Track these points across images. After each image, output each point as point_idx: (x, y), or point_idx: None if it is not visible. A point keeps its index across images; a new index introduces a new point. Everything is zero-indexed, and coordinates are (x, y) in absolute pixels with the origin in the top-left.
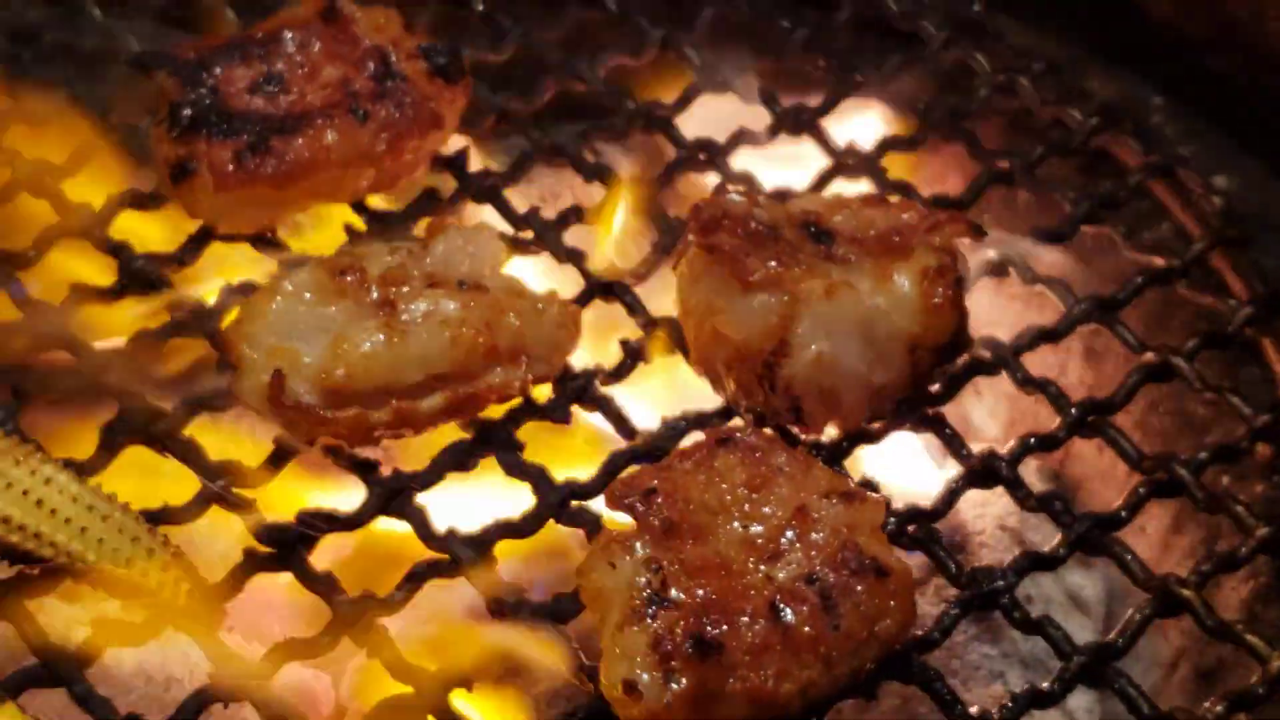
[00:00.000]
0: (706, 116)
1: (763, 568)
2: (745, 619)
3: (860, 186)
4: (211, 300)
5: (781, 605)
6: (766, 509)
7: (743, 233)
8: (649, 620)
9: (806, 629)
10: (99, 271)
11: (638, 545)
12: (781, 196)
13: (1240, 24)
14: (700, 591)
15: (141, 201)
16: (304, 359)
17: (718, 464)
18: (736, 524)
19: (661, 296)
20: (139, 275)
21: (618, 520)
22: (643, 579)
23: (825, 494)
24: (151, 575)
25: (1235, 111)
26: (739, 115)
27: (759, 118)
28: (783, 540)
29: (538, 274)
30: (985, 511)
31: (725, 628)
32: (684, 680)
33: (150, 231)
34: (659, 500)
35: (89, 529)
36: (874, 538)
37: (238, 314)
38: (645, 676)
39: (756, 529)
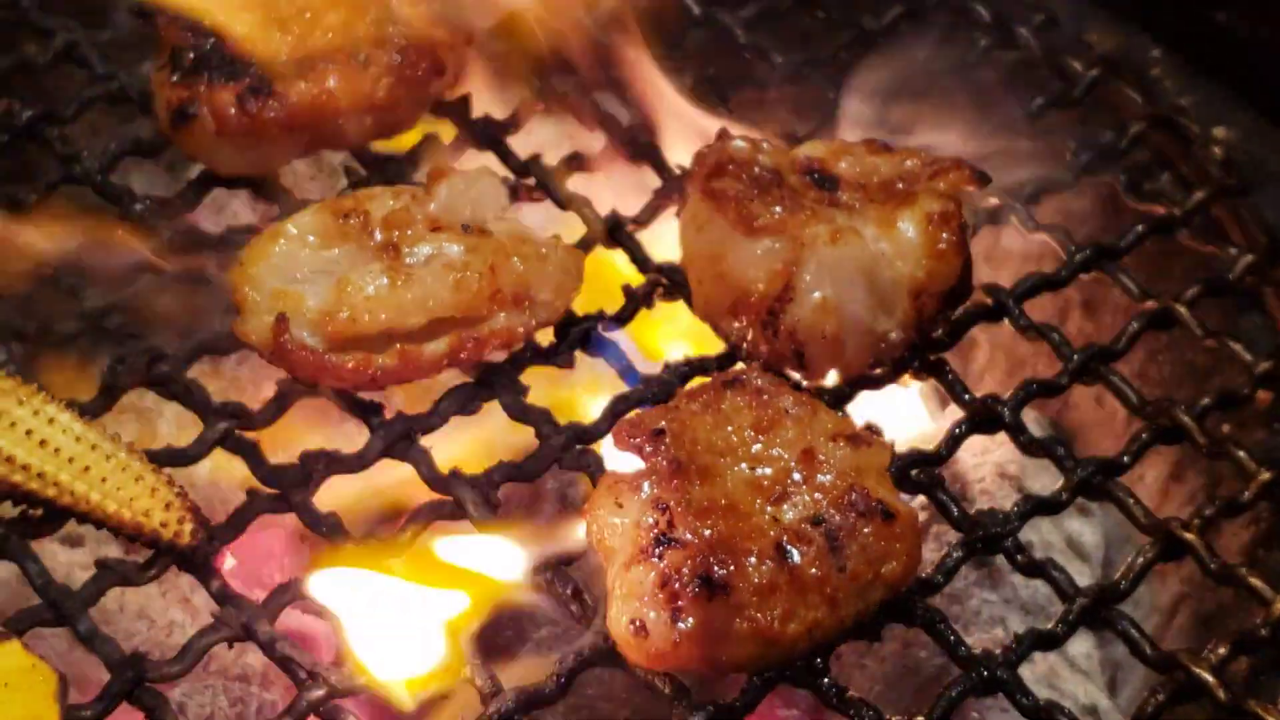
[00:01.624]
0: (707, 66)
1: (769, 509)
2: (752, 560)
3: (862, 135)
4: (214, 244)
5: (788, 546)
6: (773, 451)
7: (747, 178)
8: (656, 560)
9: (813, 570)
10: (101, 217)
11: (645, 485)
12: (785, 143)
13: None
14: (707, 532)
15: (143, 148)
16: (307, 302)
17: (725, 405)
18: (743, 465)
19: (664, 242)
20: (140, 220)
21: (622, 464)
22: (650, 519)
23: (832, 437)
24: (155, 515)
25: (1235, 63)
26: (740, 64)
27: (760, 67)
28: (789, 482)
29: (540, 221)
30: (986, 459)
31: (732, 568)
32: (691, 620)
33: (152, 178)
34: (666, 441)
35: (92, 468)
36: (880, 481)
37: (241, 257)
38: (652, 615)
39: (763, 470)
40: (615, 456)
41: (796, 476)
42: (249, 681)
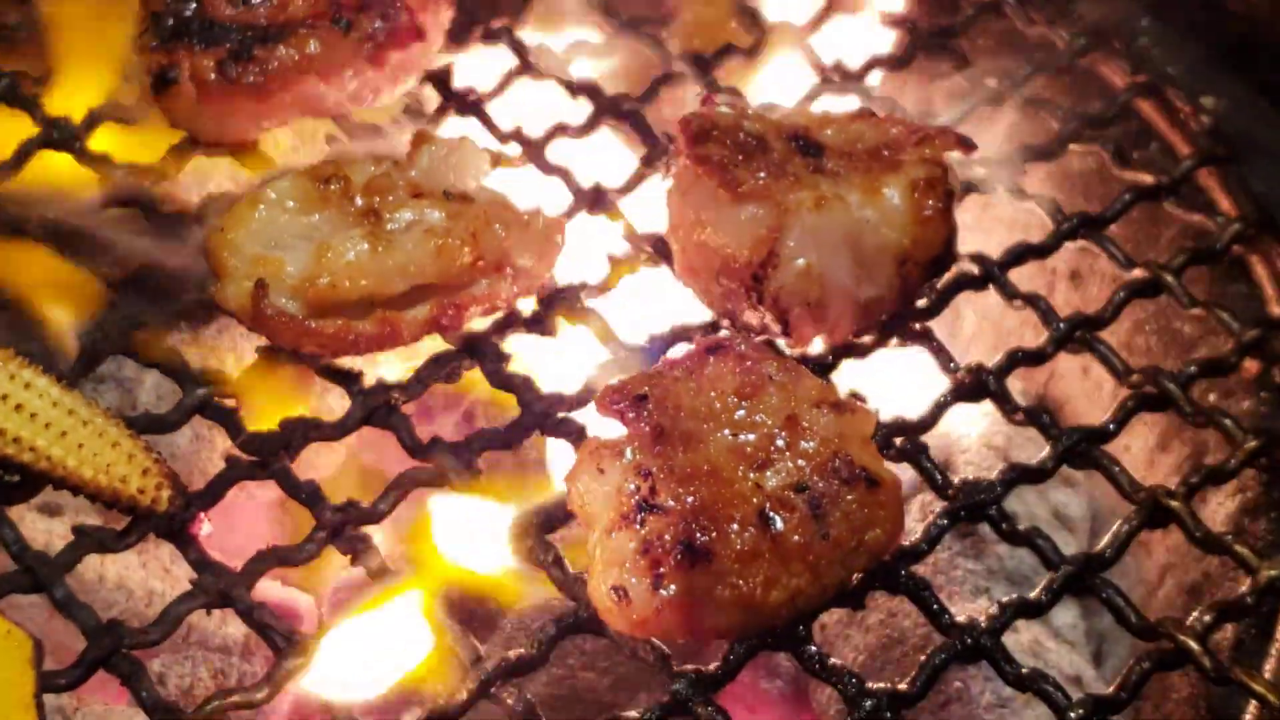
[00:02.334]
0: (691, 33)
1: (752, 475)
2: (735, 527)
3: (848, 103)
4: (193, 210)
5: (771, 513)
6: (757, 417)
7: (732, 144)
8: (638, 527)
9: (796, 537)
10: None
11: (627, 451)
12: (770, 110)
13: None
14: (690, 498)
15: (123, 114)
16: (287, 268)
17: (708, 371)
18: (727, 431)
19: (648, 210)
20: (120, 186)
21: (605, 430)
22: (632, 485)
23: (816, 403)
24: (132, 481)
25: (1222, 32)
26: (725, 31)
27: (746, 35)
28: (773, 448)
29: (523, 189)
30: (971, 430)
31: (715, 535)
32: (673, 587)
33: (131, 144)
34: (649, 407)
35: (69, 434)
36: (864, 448)
37: (220, 223)
38: (634, 582)
39: (747, 437)
40: (598, 423)
41: (780, 443)
42: (229, 653)
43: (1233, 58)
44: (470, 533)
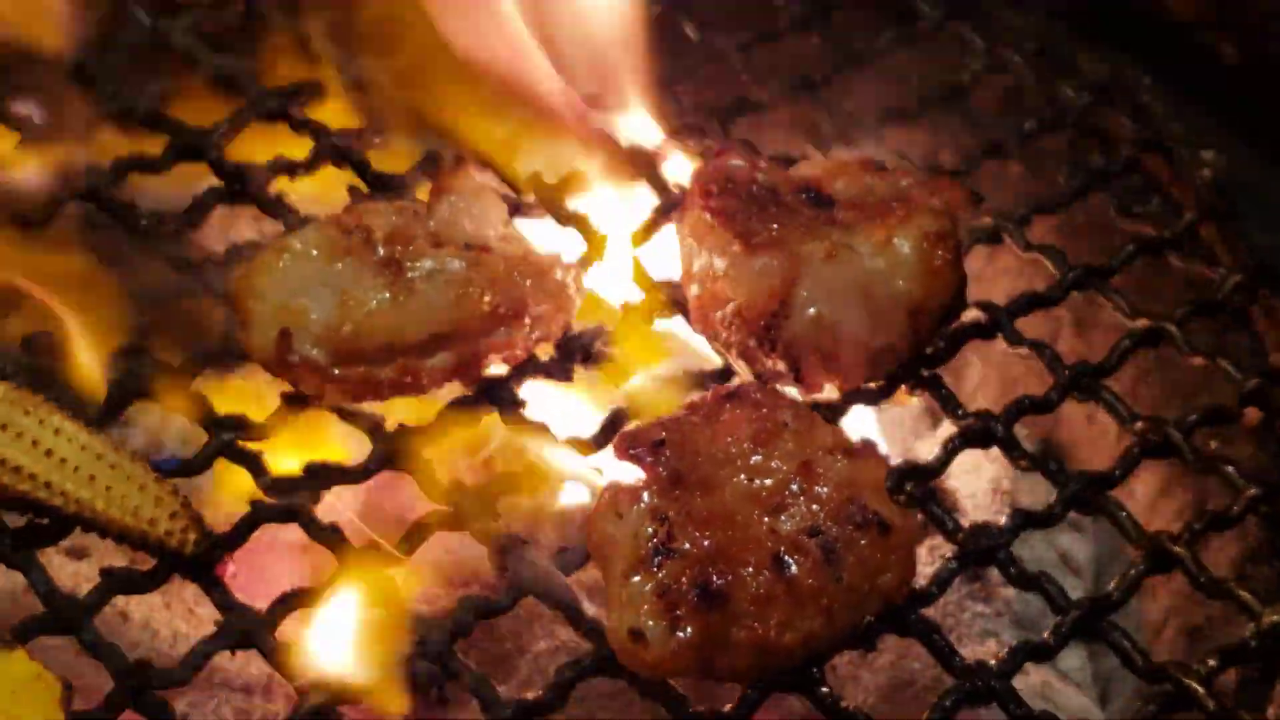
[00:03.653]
0: (706, 89)
1: (767, 520)
2: (750, 570)
3: (858, 156)
4: (219, 258)
5: (786, 557)
6: (772, 463)
7: (745, 196)
8: (655, 569)
9: (810, 581)
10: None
11: (645, 495)
12: (782, 163)
13: (1229, 4)
14: (706, 542)
15: (148, 165)
16: (311, 316)
17: (725, 418)
18: (742, 477)
19: (663, 259)
20: (146, 236)
21: (623, 475)
22: (650, 529)
23: (830, 449)
24: (159, 524)
25: (1222, 90)
26: (739, 86)
27: (758, 89)
28: (787, 493)
29: (540, 237)
30: (979, 475)
31: (730, 578)
32: (689, 629)
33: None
34: (667, 452)
35: (98, 477)
36: (876, 494)
37: (246, 271)
38: (651, 624)
39: (762, 482)
40: (616, 467)
41: (794, 488)
42: (252, 692)
43: (1232, 115)
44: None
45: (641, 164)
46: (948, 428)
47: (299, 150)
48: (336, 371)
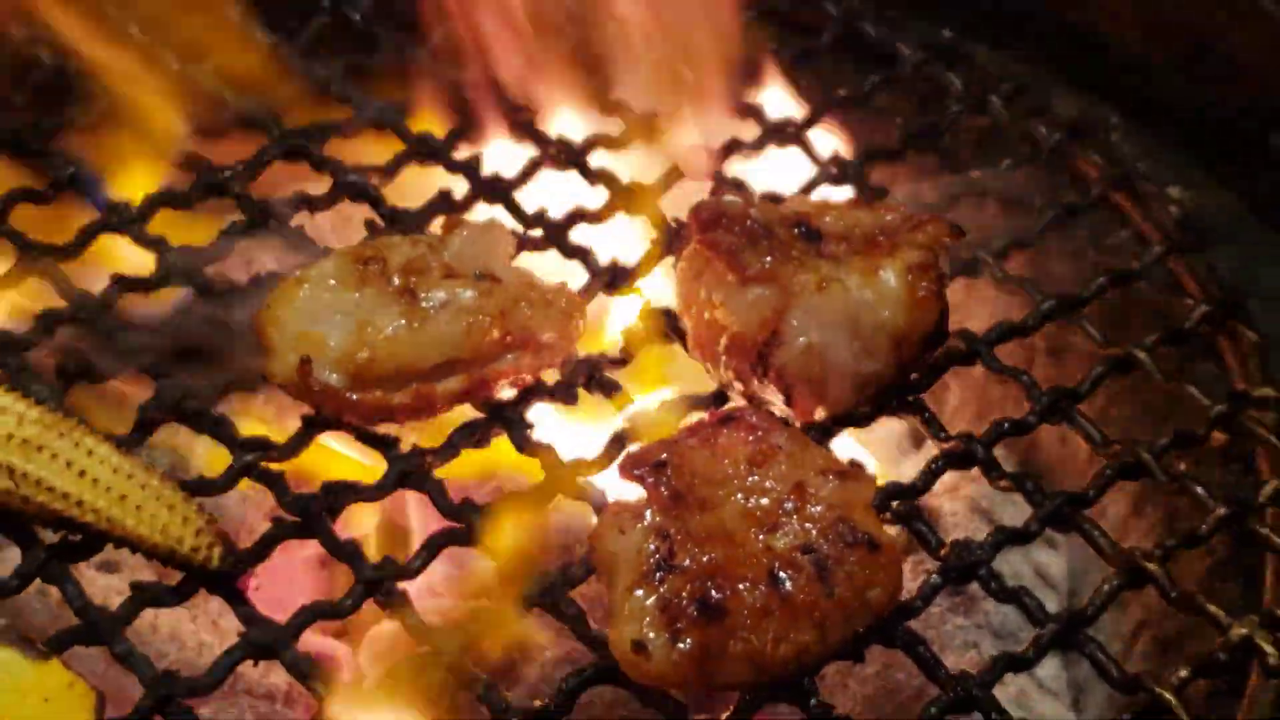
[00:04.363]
0: (701, 129)
1: (763, 538)
2: (747, 585)
3: (844, 193)
4: (242, 288)
5: (780, 573)
6: (768, 483)
7: (739, 231)
8: (657, 584)
9: (803, 596)
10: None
11: (647, 514)
12: (774, 199)
13: (1201, 50)
14: (705, 558)
15: (177, 200)
16: (330, 343)
17: (721, 440)
18: (739, 496)
19: (662, 290)
20: (176, 266)
21: (625, 494)
22: (651, 545)
23: (821, 471)
24: (186, 540)
25: (1188, 129)
26: (729, 128)
27: (750, 130)
28: (782, 513)
29: (547, 269)
30: (958, 494)
31: (728, 593)
32: (689, 641)
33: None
34: (667, 473)
35: (128, 496)
36: (865, 513)
37: (268, 301)
38: (653, 637)
39: (758, 501)
40: (619, 487)
41: (788, 507)
42: (274, 699)
43: (1197, 152)
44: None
45: (641, 200)
46: (930, 449)
47: (318, 186)
48: (354, 396)
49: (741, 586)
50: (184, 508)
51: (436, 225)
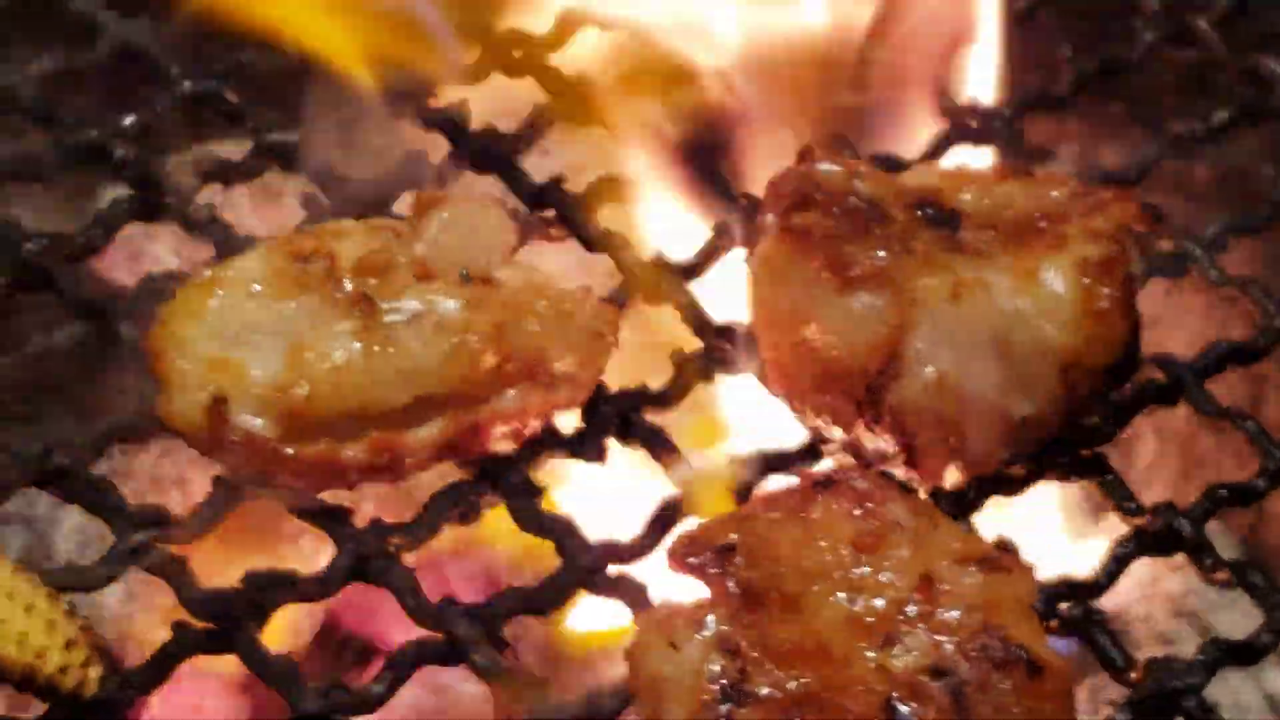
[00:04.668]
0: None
1: (875, 655)
2: None
3: (989, 158)
4: (128, 295)
5: (900, 706)
6: (881, 576)
7: (840, 213)
8: None
9: None
10: None
11: (709, 620)
12: (888, 167)
13: None
14: (792, 684)
15: (33, 170)
16: (253, 373)
17: (815, 515)
18: (841, 595)
19: (727, 296)
20: (31, 267)
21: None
22: (716, 666)
23: (959, 559)
24: (52, 657)
25: None
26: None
27: None
28: (901, 619)
29: (562, 267)
30: (1156, 592)
31: None
32: None
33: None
34: (738, 560)
35: None
36: (1022, 620)
37: (165, 313)
38: None
39: (867, 603)
40: (668, 581)
41: (911, 612)
42: None
43: None
44: None
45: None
46: (1115, 527)
47: (234, 149)
48: (288, 450)
49: None
50: (47, 609)
51: (404, 204)
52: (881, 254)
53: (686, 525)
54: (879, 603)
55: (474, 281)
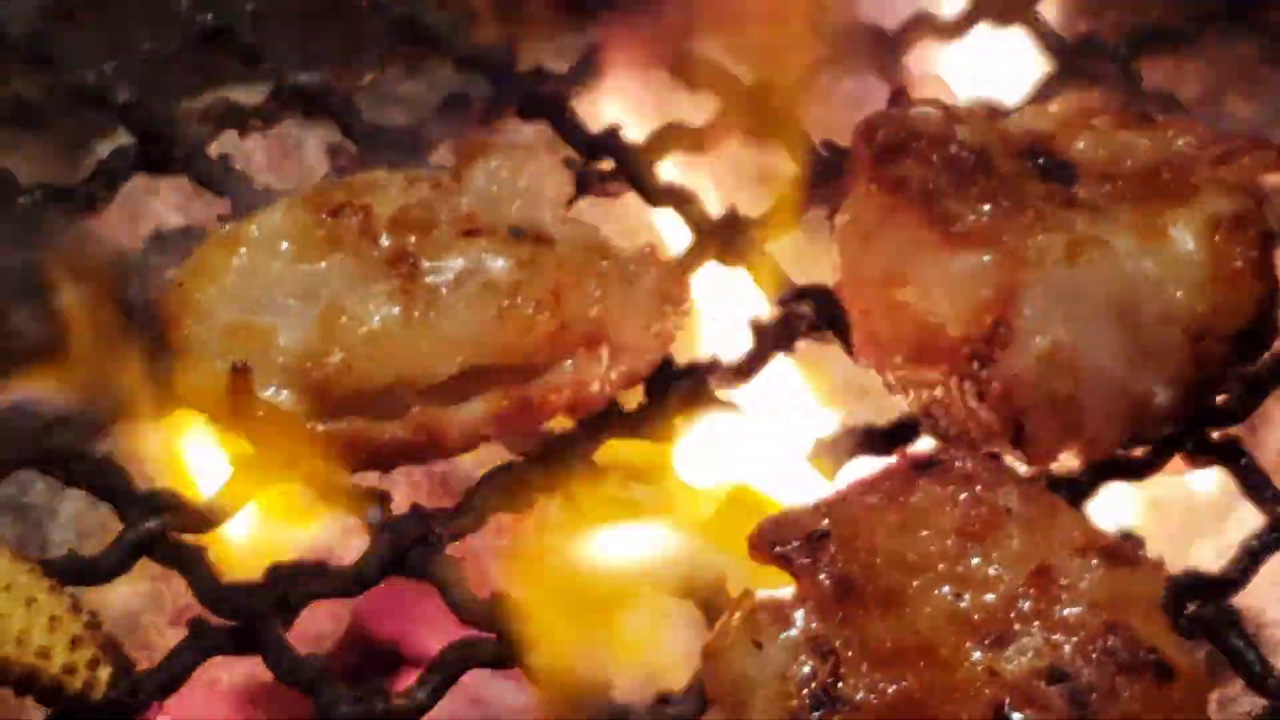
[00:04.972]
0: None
1: (984, 655)
2: None
3: (1104, 101)
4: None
5: (1012, 712)
6: (990, 569)
7: (940, 162)
8: None
9: None
10: None
11: (798, 616)
12: (991, 111)
13: None
14: (890, 687)
15: (27, 116)
16: (280, 341)
17: (916, 500)
18: (945, 589)
19: (808, 255)
20: (27, 220)
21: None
22: (806, 667)
23: (1078, 550)
24: (56, 656)
25: None
26: None
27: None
28: (1014, 616)
29: (622, 223)
30: None
31: None
32: None
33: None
34: (831, 549)
35: None
36: (1150, 619)
37: (180, 274)
38: None
39: (975, 597)
40: (750, 572)
41: (1025, 608)
42: None
43: None
44: None
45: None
46: (1251, 517)
47: (250, 93)
48: (319, 426)
49: None
50: (50, 604)
51: (443, 154)
52: (987, 208)
53: (769, 512)
54: (988, 598)
55: (526, 239)
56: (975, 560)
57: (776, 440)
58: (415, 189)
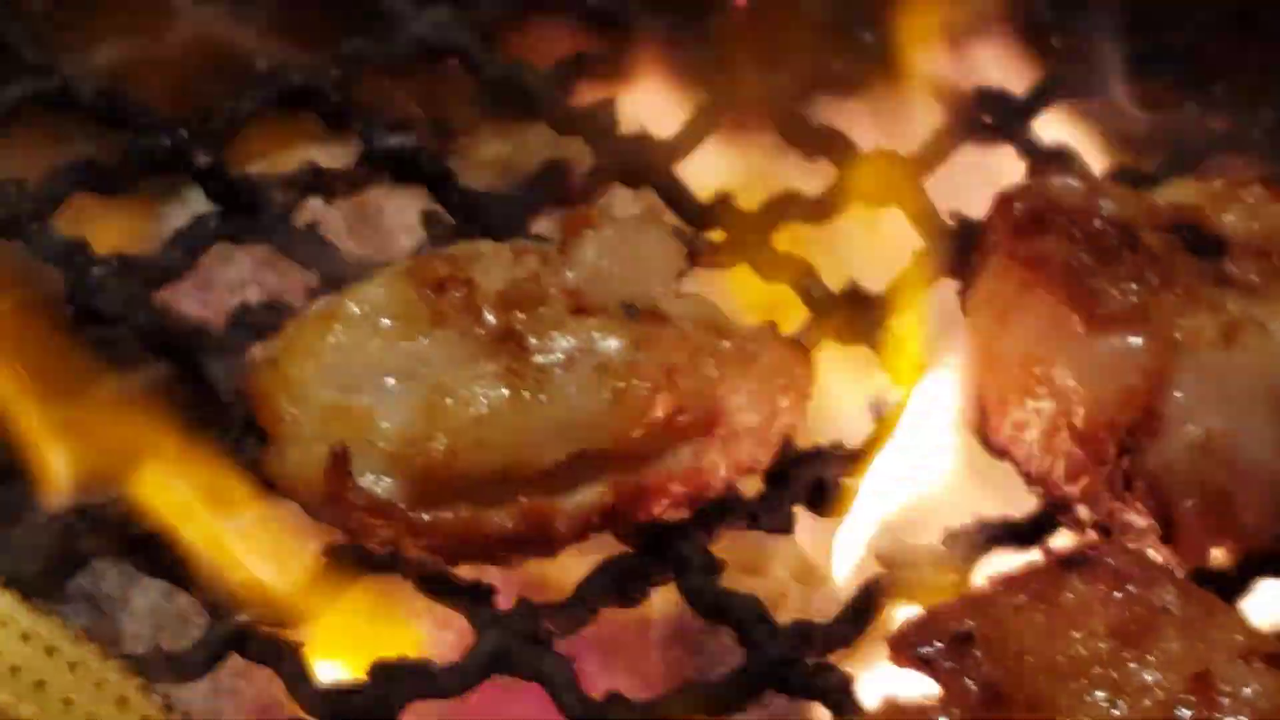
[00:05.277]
0: (993, 59)
1: None
2: None
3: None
4: (216, 334)
5: None
6: (1147, 674)
7: (1084, 237)
8: None
9: None
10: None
11: None
12: (1135, 182)
13: None
14: None
15: (101, 180)
16: (380, 423)
17: (1066, 599)
18: (1099, 694)
19: (942, 336)
20: (99, 292)
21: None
22: None
23: (1241, 654)
24: None
25: None
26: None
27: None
28: None
29: (736, 297)
30: None
31: None
32: None
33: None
34: (977, 652)
35: (48, 682)
36: None
37: (270, 352)
38: None
39: (1132, 704)
40: (887, 676)
41: (1185, 716)
42: None
43: None
44: None
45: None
46: None
47: (334, 156)
48: (422, 516)
49: None
50: (141, 704)
51: (546, 224)
52: (1135, 287)
53: (905, 611)
54: (1147, 703)
55: (639, 316)
56: (1131, 665)
57: (905, 530)
58: (521, 262)
